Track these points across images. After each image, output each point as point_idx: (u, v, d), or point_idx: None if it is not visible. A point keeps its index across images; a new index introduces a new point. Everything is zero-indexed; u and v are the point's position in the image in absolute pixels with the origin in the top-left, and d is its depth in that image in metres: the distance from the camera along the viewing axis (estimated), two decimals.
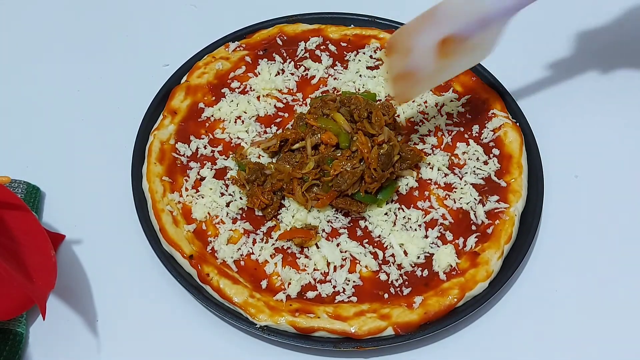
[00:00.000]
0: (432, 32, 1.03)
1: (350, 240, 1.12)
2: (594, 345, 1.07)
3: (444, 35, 1.02)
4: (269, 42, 1.37)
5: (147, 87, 1.30)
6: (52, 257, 0.99)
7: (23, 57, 1.43)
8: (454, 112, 1.28)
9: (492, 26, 1.03)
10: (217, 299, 1.07)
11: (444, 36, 1.02)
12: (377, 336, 1.02)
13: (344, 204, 1.12)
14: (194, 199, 1.16)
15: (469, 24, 1.02)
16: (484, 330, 1.08)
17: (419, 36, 1.04)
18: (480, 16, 1.02)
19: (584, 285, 1.13)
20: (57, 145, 1.29)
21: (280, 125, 1.26)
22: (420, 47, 1.04)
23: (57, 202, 1.21)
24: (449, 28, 1.02)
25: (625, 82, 1.39)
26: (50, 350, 1.06)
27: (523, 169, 1.19)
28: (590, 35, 1.47)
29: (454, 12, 1.03)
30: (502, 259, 1.10)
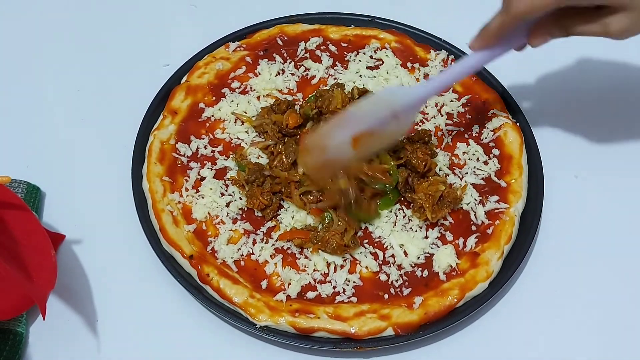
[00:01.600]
0: (345, 132, 1.06)
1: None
2: (594, 345, 1.07)
3: (358, 132, 1.06)
4: (269, 42, 1.37)
5: (147, 87, 1.30)
6: (52, 257, 0.99)
7: (23, 57, 1.43)
8: (454, 112, 1.28)
9: (403, 117, 1.08)
10: (217, 299, 1.07)
11: (357, 134, 1.06)
12: (377, 336, 1.02)
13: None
14: (194, 199, 1.16)
15: (380, 121, 1.06)
16: (484, 330, 1.08)
17: (333, 138, 1.08)
18: (391, 113, 1.06)
19: (584, 286, 1.13)
20: (57, 145, 1.29)
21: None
22: (336, 144, 1.07)
23: (57, 202, 1.21)
24: (361, 127, 1.06)
25: (626, 82, 1.39)
26: (50, 350, 1.06)
27: (523, 169, 1.19)
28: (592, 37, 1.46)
29: (364, 114, 1.07)
30: (502, 259, 1.10)
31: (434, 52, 1.35)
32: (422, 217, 1.13)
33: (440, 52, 1.35)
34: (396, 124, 1.07)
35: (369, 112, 1.07)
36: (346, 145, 1.06)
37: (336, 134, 1.07)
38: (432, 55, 1.34)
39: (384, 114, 1.06)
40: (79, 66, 1.42)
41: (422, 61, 1.34)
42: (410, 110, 1.09)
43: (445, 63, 1.33)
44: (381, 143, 1.11)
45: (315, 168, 1.12)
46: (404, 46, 1.36)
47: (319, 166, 1.11)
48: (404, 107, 1.06)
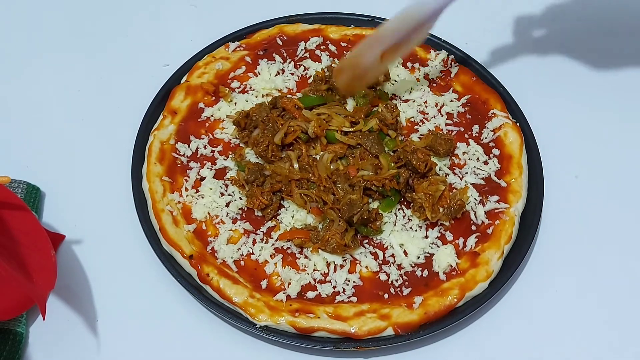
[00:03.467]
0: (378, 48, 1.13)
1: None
2: (594, 345, 1.07)
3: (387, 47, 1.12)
4: (269, 42, 1.37)
5: (147, 87, 1.30)
6: (52, 257, 0.99)
7: (23, 57, 1.43)
8: (454, 112, 1.28)
9: (427, 25, 1.12)
10: (217, 299, 1.07)
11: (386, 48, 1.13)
12: (377, 336, 1.02)
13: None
14: (194, 199, 1.16)
15: (406, 33, 1.11)
16: (484, 330, 1.08)
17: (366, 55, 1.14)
18: (416, 23, 1.11)
19: (584, 285, 1.13)
20: (57, 145, 1.29)
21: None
22: (367, 62, 1.14)
23: (57, 202, 1.21)
24: (391, 42, 1.12)
25: (626, 83, 1.39)
26: (50, 350, 1.06)
27: (523, 169, 1.19)
28: (591, 36, 1.47)
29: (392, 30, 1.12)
30: (502, 259, 1.10)
31: (434, 52, 1.35)
32: (422, 216, 1.13)
33: (440, 52, 1.35)
34: (420, 31, 1.12)
35: (397, 29, 1.11)
36: (376, 60, 1.13)
37: (369, 53, 1.13)
38: (432, 55, 1.34)
39: (411, 27, 1.10)
40: (79, 66, 1.42)
41: (422, 61, 1.34)
42: (433, 17, 1.11)
43: (445, 63, 1.33)
44: (404, 50, 1.17)
45: (347, 84, 1.20)
46: None
47: (351, 81, 1.19)
48: (429, 16, 1.10)
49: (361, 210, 1.09)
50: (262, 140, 1.18)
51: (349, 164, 1.16)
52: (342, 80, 1.19)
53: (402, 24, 1.11)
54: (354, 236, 1.11)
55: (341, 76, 1.19)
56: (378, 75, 1.25)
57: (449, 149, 1.20)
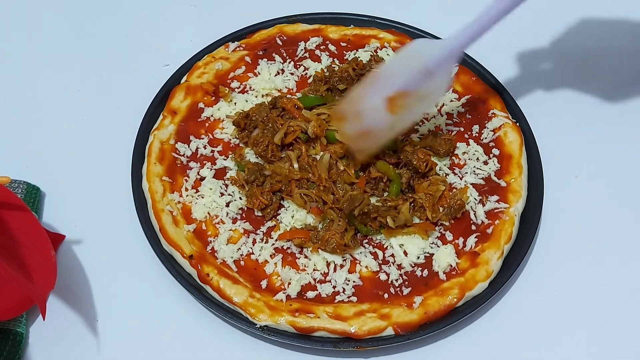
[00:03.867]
0: (378, 93, 1.03)
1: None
2: (595, 345, 1.07)
3: (390, 93, 1.03)
4: (269, 42, 1.37)
5: (147, 87, 1.30)
6: (52, 257, 0.99)
7: (23, 57, 1.43)
8: (454, 112, 1.28)
9: (437, 74, 1.03)
10: (217, 299, 1.07)
11: (391, 94, 1.03)
12: (377, 336, 1.02)
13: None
14: (193, 199, 1.16)
15: (412, 79, 1.02)
16: (484, 330, 1.08)
17: (366, 100, 1.05)
18: (422, 69, 1.02)
19: (584, 285, 1.13)
20: (57, 145, 1.29)
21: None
22: (370, 108, 1.04)
23: (57, 202, 1.21)
24: (393, 86, 1.03)
25: (626, 82, 1.39)
26: (50, 350, 1.06)
27: (523, 169, 1.19)
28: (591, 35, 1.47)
29: (394, 71, 1.04)
30: (502, 259, 1.10)
31: None
32: (422, 216, 1.13)
33: None
34: (431, 82, 1.02)
35: (400, 70, 1.03)
36: (381, 109, 1.02)
37: (368, 96, 1.03)
38: None
39: (415, 71, 1.01)
40: (79, 66, 1.42)
41: None
42: (444, 66, 1.02)
43: None
44: (419, 106, 1.06)
45: (353, 138, 1.08)
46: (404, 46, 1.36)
47: (357, 135, 1.07)
48: (436, 62, 1.01)
49: (362, 204, 1.08)
50: (262, 140, 1.18)
51: (349, 164, 1.16)
52: (347, 130, 1.08)
53: (404, 66, 1.02)
54: (354, 236, 1.11)
55: (343, 124, 1.09)
56: (391, 132, 1.09)
57: (449, 149, 1.20)
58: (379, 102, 1.02)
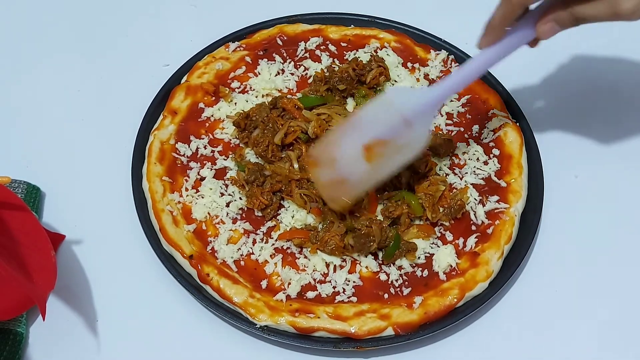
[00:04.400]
0: (354, 140, 1.01)
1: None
2: (595, 345, 1.07)
3: (367, 141, 1.00)
4: (269, 42, 1.37)
5: (147, 87, 1.30)
6: (52, 257, 0.99)
7: (23, 58, 1.43)
8: (454, 112, 1.28)
9: (416, 125, 1.01)
10: (217, 299, 1.07)
11: (367, 142, 1.00)
12: (377, 336, 1.02)
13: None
14: (194, 199, 1.16)
15: (391, 127, 1.00)
16: (484, 330, 1.08)
17: (341, 146, 1.02)
18: (400, 118, 1.00)
19: (584, 286, 1.13)
20: (57, 145, 1.29)
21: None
22: (345, 155, 1.01)
23: (57, 202, 1.21)
24: (370, 134, 1.00)
25: (626, 82, 1.39)
26: (50, 350, 1.06)
27: (523, 169, 1.19)
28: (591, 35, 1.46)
29: (372, 118, 1.01)
30: (502, 259, 1.10)
31: (433, 52, 1.35)
32: (422, 217, 1.13)
33: (440, 52, 1.35)
34: (410, 132, 1.00)
35: (377, 117, 1.00)
36: (358, 157, 1.00)
37: (344, 143, 1.01)
38: (432, 55, 1.34)
39: (393, 120, 0.99)
40: (79, 66, 1.42)
41: (422, 61, 1.34)
42: (422, 116, 1.01)
43: (445, 63, 1.33)
44: (398, 157, 1.03)
45: (329, 185, 1.05)
46: (404, 46, 1.36)
47: (333, 183, 1.04)
48: (414, 112, 0.99)
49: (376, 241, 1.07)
50: (262, 140, 1.18)
51: None
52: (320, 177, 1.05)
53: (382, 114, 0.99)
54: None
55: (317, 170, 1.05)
56: (366, 183, 1.05)
57: (449, 149, 1.20)
58: (356, 149, 1.00)
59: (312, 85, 1.28)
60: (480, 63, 1.00)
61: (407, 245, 1.08)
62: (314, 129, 1.17)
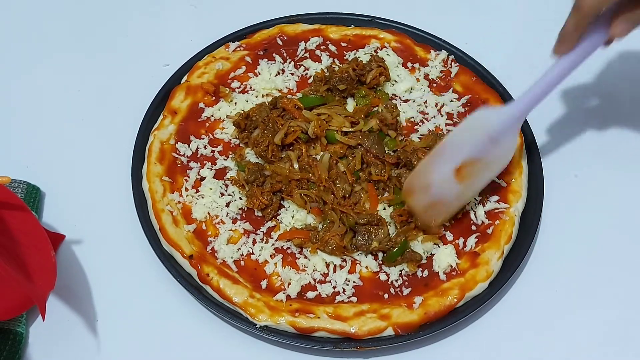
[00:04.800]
0: (446, 165, 1.06)
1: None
2: (594, 346, 1.07)
3: (458, 164, 1.05)
4: (269, 42, 1.37)
5: (147, 87, 1.30)
6: (52, 257, 0.99)
7: (23, 57, 1.43)
8: (454, 112, 1.28)
9: (502, 141, 1.06)
10: (217, 299, 1.07)
11: (458, 165, 1.05)
12: (377, 336, 1.02)
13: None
14: (194, 199, 1.16)
15: (479, 147, 1.05)
16: (484, 330, 1.08)
17: (434, 173, 1.07)
18: (487, 137, 1.04)
19: (584, 286, 1.13)
20: (57, 145, 1.29)
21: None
22: (438, 180, 1.06)
23: (57, 202, 1.21)
24: (460, 157, 1.05)
25: (626, 82, 1.39)
26: (50, 350, 1.06)
27: (523, 169, 1.19)
28: None
29: (460, 142, 1.05)
30: (502, 259, 1.10)
31: (433, 52, 1.35)
32: None
33: (440, 52, 1.35)
34: (497, 148, 1.05)
35: (465, 140, 1.05)
36: (450, 179, 1.05)
37: (436, 169, 1.06)
38: (432, 55, 1.34)
39: (480, 139, 1.04)
40: (79, 66, 1.42)
41: (422, 61, 1.34)
42: (508, 132, 1.05)
43: (445, 63, 1.33)
44: (487, 173, 1.09)
45: (423, 209, 1.08)
46: (404, 46, 1.36)
47: (427, 206, 1.08)
48: (500, 129, 1.04)
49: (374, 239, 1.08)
50: (262, 140, 1.18)
51: (349, 164, 1.16)
52: (417, 203, 1.08)
53: (469, 136, 1.04)
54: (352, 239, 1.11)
55: (413, 197, 1.09)
56: (460, 201, 1.10)
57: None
58: (448, 172, 1.05)
59: (312, 85, 1.28)
60: (559, 71, 1.01)
61: (410, 254, 1.08)
62: (314, 129, 1.17)
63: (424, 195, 1.08)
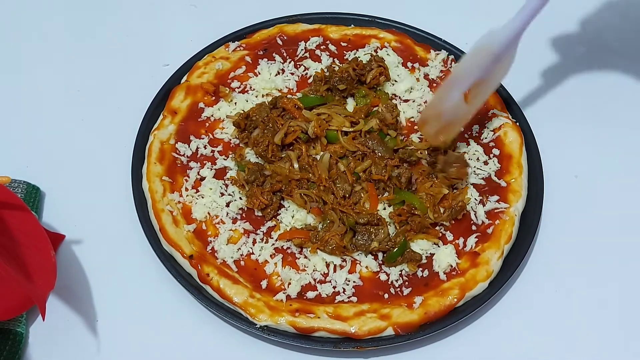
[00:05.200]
0: (457, 92, 1.10)
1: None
2: (594, 345, 1.07)
3: (466, 89, 1.10)
4: (269, 42, 1.37)
5: (147, 87, 1.30)
6: (52, 257, 0.99)
7: (23, 57, 1.43)
8: None
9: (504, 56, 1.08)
10: (217, 299, 1.07)
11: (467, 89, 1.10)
12: (377, 336, 1.02)
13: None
14: (194, 199, 1.16)
15: (485, 69, 1.08)
16: (484, 330, 1.08)
17: (446, 102, 1.12)
18: (492, 56, 1.07)
19: (584, 286, 1.13)
20: (57, 145, 1.29)
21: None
22: (449, 107, 1.12)
23: (57, 202, 1.21)
24: (469, 82, 1.09)
25: (626, 82, 1.39)
26: (50, 350, 1.06)
27: (523, 169, 1.19)
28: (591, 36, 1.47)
29: (469, 68, 1.10)
30: (502, 259, 1.10)
31: (433, 52, 1.35)
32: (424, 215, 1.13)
33: (440, 52, 1.35)
34: (499, 65, 1.09)
35: (473, 65, 1.09)
36: (460, 103, 1.10)
37: (448, 98, 1.11)
38: (432, 55, 1.34)
39: (486, 61, 1.07)
40: (79, 66, 1.42)
41: (422, 61, 1.34)
42: (510, 47, 1.08)
43: (445, 63, 1.33)
44: (490, 88, 1.14)
45: (436, 134, 1.16)
46: (404, 46, 1.36)
47: (440, 130, 1.15)
48: (504, 47, 1.06)
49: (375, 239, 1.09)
50: (262, 140, 1.18)
51: (349, 163, 1.16)
52: (430, 131, 1.16)
53: (476, 60, 1.08)
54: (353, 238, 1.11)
55: (427, 127, 1.16)
56: (468, 117, 1.16)
57: (452, 146, 1.20)
58: (458, 98, 1.10)
59: (312, 85, 1.28)
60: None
61: (410, 254, 1.08)
62: (314, 129, 1.17)
63: (436, 122, 1.14)
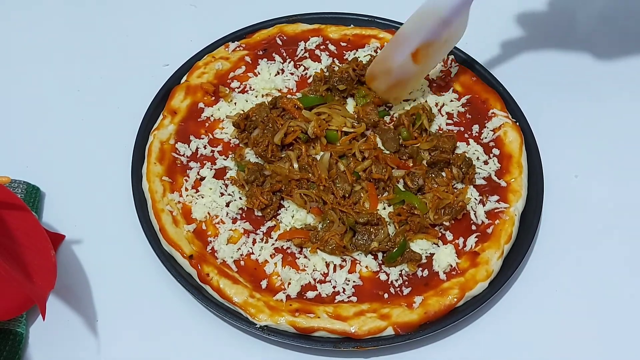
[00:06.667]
0: (403, 51, 1.15)
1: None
2: (594, 345, 1.07)
3: (414, 49, 1.15)
4: (269, 42, 1.37)
5: (147, 87, 1.30)
6: (52, 257, 0.99)
7: (23, 57, 1.43)
8: (454, 112, 1.28)
9: (454, 21, 1.11)
10: (217, 299, 1.07)
11: (415, 49, 1.15)
12: (377, 336, 1.02)
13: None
14: (193, 199, 1.16)
15: (432, 31, 1.12)
16: (484, 330, 1.08)
17: (393, 59, 1.17)
18: (440, 20, 1.10)
19: (584, 286, 1.13)
20: (57, 145, 1.29)
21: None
22: (397, 65, 1.17)
23: (57, 202, 1.21)
24: (415, 43, 1.14)
25: (626, 83, 1.39)
26: (50, 350, 1.06)
27: (523, 168, 1.19)
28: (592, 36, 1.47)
29: (414, 29, 1.13)
30: (502, 258, 1.10)
31: None
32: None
33: None
34: (450, 29, 1.12)
35: (418, 27, 1.12)
36: (408, 62, 1.15)
37: (395, 56, 1.16)
38: None
39: (433, 24, 1.10)
40: (79, 66, 1.42)
41: None
42: (459, 12, 1.09)
43: (445, 63, 1.33)
44: (444, 50, 1.18)
45: (386, 90, 1.22)
46: None
47: (390, 87, 1.21)
48: (452, 11, 1.08)
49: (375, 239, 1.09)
50: (262, 140, 1.18)
51: (349, 163, 1.16)
52: (379, 86, 1.21)
53: (422, 20, 1.11)
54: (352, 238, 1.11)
55: (375, 82, 1.21)
56: (419, 77, 1.23)
57: (452, 146, 1.20)
58: (406, 57, 1.15)
59: (312, 85, 1.28)
60: None
61: (410, 254, 1.08)
62: (314, 128, 1.17)
63: (386, 78, 1.20)
